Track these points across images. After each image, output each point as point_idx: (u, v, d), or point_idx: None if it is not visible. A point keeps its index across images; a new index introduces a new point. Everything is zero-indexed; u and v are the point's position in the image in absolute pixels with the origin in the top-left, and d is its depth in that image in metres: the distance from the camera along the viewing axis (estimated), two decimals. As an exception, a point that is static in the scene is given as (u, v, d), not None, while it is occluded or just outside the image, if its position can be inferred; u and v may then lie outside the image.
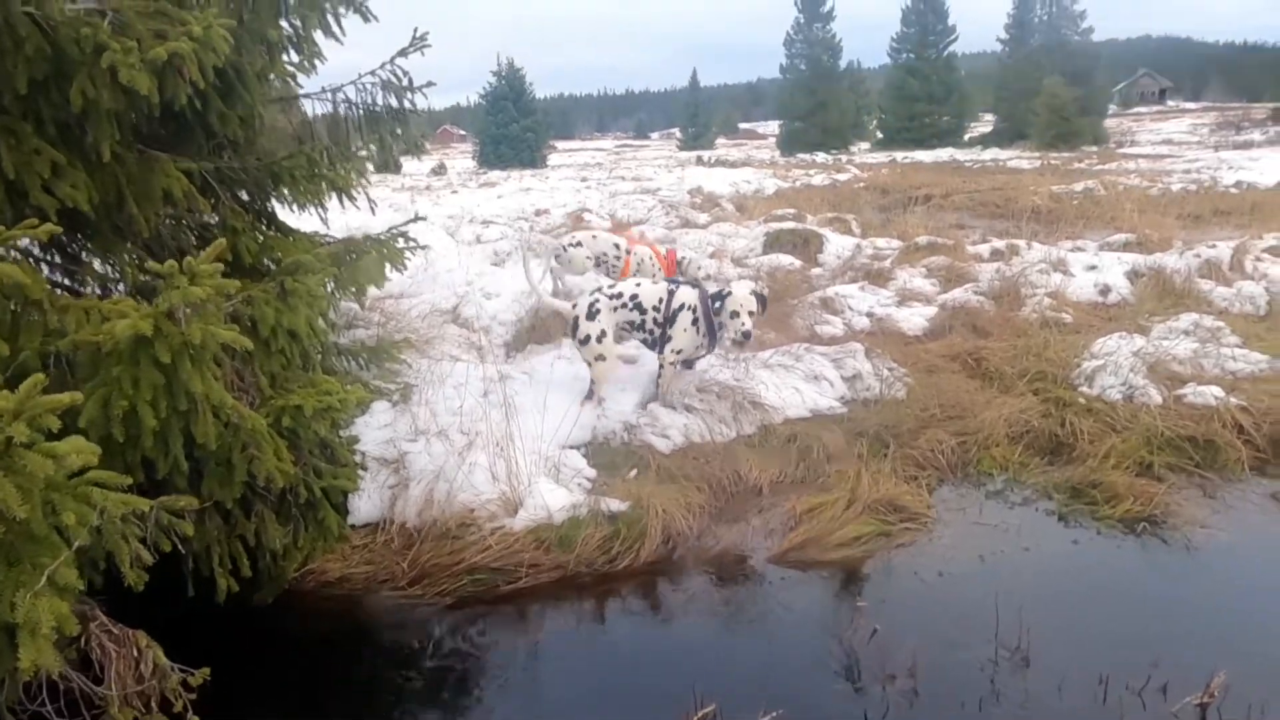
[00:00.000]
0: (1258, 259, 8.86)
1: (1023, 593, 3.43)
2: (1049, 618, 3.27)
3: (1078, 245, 10.33)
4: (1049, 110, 39.63)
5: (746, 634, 3.35)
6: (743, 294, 5.00)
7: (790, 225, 11.35)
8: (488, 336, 6.63)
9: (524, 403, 4.85)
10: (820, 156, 41.29)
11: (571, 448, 4.56)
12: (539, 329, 6.60)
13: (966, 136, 49.58)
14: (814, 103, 48.18)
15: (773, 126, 61.92)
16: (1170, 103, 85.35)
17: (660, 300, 5.11)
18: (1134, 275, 8.55)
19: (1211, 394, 5.18)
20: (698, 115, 66.44)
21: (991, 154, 38.43)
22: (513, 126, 45.10)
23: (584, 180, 26.18)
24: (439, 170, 38.98)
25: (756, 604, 3.52)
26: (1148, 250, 9.49)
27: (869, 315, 7.30)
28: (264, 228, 4.39)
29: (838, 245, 10.37)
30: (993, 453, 4.77)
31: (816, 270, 9.41)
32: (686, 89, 70.92)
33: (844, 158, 40.78)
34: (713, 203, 16.34)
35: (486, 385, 5.11)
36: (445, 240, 11.35)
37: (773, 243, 10.51)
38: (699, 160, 38.15)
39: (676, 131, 76.76)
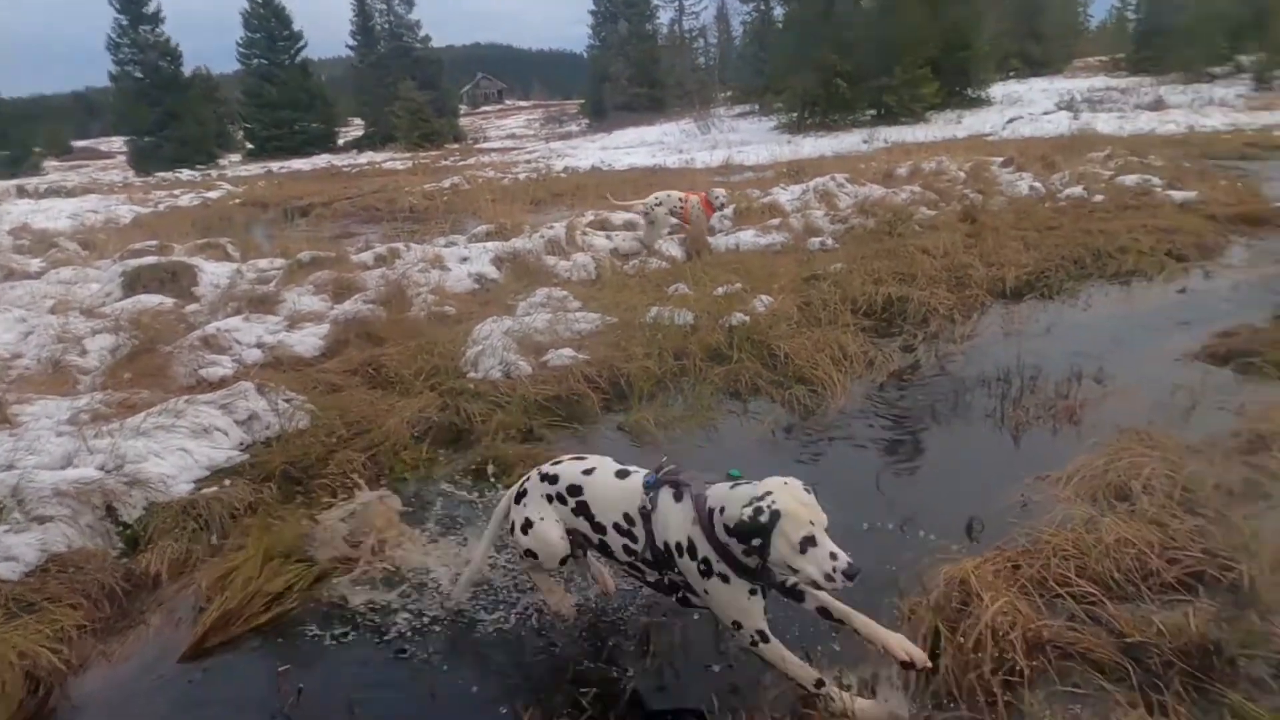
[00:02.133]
0: (584, 233, 10.87)
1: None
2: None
3: (451, 240, 11.32)
4: (408, 113, 42.70)
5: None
6: None
7: (153, 260, 10.00)
8: None
9: None
10: (185, 174, 37.45)
11: None
12: None
13: (341, 141, 50.24)
14: (162, 113, 43.32)
15: (119, 143, 53.67)
16: (508, 102, 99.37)
17: None
18: (499, 261, 9.76)
19: (566, 355, 6.20)
20: (8, 134, 53.62)
21: (367, 157, 39.68)
22: None
23: None
24: None
25: (175, 715, 3.05)
26: (506, 237, 10.89)
27: (260, 346, 6.87)
28: None
29: (214, 274, 9.52)
30: (403, 457, 4.94)
31: (193, 306, 8.48)
32: (-16, 102, 56.58)
33: (214, 173, 37.74)
34: (48, 243, 13.47)
35: None
36: None
37: (134, 282, 9.13)
38: (21, 191, 31.00)
39: (-18, 157, 61.04)
